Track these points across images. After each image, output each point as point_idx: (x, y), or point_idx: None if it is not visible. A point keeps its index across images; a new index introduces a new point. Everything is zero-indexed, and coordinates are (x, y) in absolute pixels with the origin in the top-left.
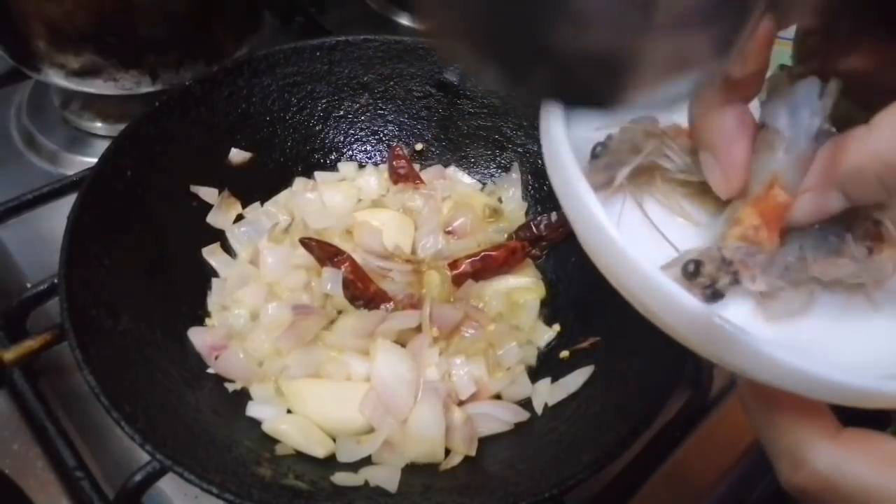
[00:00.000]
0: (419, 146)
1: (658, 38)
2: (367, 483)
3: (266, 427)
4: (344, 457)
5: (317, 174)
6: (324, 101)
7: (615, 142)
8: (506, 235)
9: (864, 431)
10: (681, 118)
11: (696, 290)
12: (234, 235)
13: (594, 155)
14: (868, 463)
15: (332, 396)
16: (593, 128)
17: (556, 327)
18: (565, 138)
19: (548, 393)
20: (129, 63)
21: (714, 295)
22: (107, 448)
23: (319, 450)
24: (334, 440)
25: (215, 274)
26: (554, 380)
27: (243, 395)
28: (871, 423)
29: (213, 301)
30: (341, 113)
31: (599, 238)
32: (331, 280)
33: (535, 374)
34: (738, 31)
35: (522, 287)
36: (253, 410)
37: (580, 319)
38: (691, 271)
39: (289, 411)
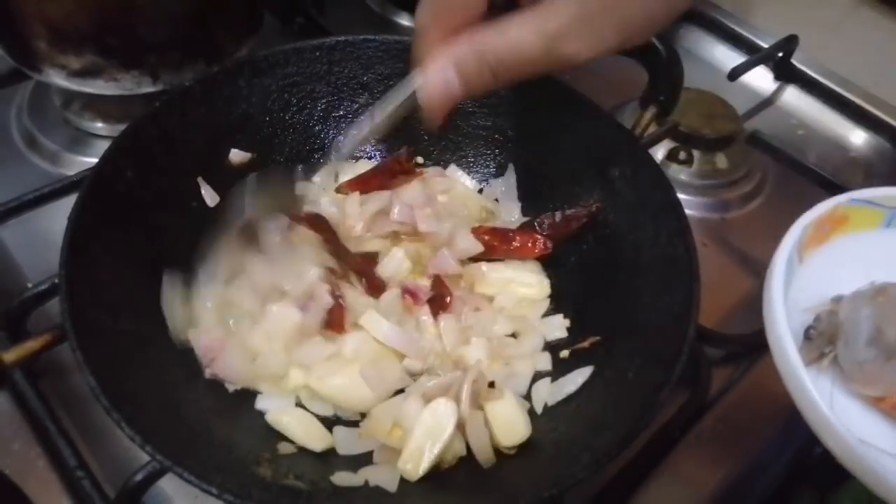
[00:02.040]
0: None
1: None
2: (366, 483)
3: (269, 418)
4: (343, 449)
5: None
6: (324, 101)
7: (823, 324)
8: None
9: None
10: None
11: None
12: None
13: (807, 336)
14: None
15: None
16: (801, 309)
17: (566, 321)
18: (786, 325)
19: (547, 393)
20: (130, 63)
21: None
22: (107, 448)
23: (317, 444)
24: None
25: None
26: (554, 380)
27: (243, 395)
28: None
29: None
30: (341, 113)
31: (814, 412)
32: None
33: (534, 374)
34: None
35: (527, 284)
36: (261, 403)
37: (580, 319)
38: None
39: (298, 405)
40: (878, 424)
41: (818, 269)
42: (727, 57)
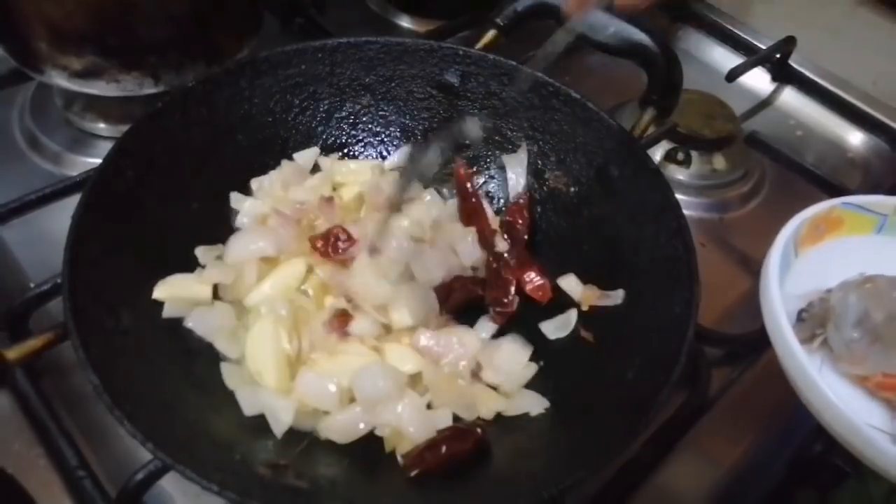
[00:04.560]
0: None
1: None
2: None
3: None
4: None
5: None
6: (326, 102)
7: (815, 308)
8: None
9: None
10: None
11: None
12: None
13: (799, 318)
14: None
15: None
16: (796, 296)
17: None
18: (781, 304)
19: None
20: (131, 64)
21: None
22: (109, 447)
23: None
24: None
25: None
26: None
27: None
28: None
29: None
30: (343, 114)
31: (802, 375)
32: None
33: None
34: None
35: None
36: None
37: (579, 319)
38: None
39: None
40: (862, 401)
41: (812, 264)
42: (725, 58)
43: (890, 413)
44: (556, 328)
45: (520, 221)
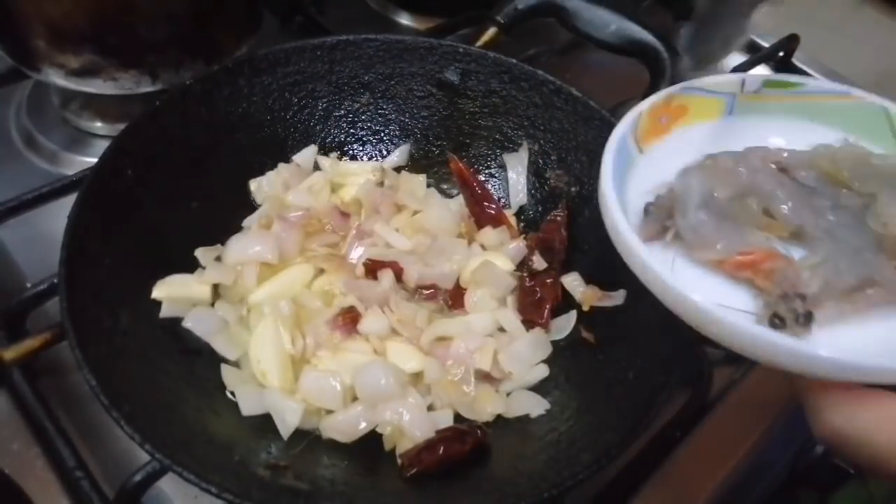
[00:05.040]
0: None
1: None
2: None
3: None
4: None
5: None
6: (324, 100)
7: (662, 199)
8: None
9: (884, 392)
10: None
11: (793, 329)
12: None
13: (646, 212)
14: (877, 420)
15: None
16: (644, 192)
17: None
18: (615, 196)
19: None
20: (129, 63)
21: (807, 320)
22: (106, 448)
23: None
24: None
25: None
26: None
27: None
28: None
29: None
30: (342, 112)
31: (644, 270)
32: None
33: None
34: None
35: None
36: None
37: (581, 319)
38: (778, 324)
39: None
40: (726, 289)
41: (660, 159)
42: (728, 56)
43: (753, 292)
44: (557, 329)
45: (557, 240)
